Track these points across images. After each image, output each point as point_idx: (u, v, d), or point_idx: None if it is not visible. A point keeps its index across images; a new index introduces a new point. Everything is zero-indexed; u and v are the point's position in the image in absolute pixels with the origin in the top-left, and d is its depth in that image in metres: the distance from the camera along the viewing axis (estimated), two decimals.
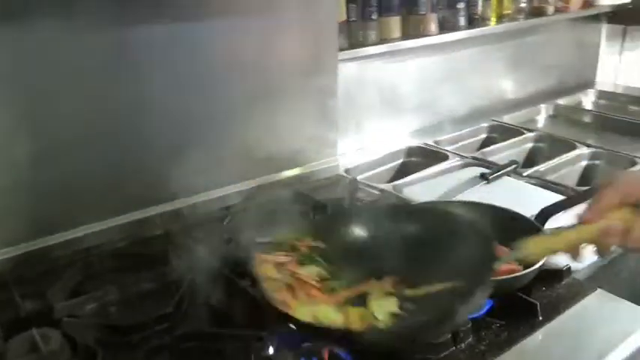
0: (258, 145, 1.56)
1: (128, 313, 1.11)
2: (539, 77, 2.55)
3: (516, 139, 2.10)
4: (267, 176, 1.61)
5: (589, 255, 0.97)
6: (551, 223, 1.30)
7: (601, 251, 0.91)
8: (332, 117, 1.70)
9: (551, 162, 1.89)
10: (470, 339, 1.04)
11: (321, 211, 1.46)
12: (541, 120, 2.46)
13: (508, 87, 2.44)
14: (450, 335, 1.01)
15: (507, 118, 2.32)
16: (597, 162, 1.97)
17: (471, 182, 1.69)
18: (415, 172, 1.85)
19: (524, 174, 1.80)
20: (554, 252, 0.96)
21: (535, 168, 1.83)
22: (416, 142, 2.05)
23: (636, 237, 0.88)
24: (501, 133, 2.21)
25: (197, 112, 1.42)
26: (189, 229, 1.39)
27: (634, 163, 1.86)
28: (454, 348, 1.02)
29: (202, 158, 1.45)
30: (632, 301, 1.20)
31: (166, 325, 1.05)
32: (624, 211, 0.89)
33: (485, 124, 2.25)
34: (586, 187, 1.65)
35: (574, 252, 0.93)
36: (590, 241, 0.90)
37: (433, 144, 2.05)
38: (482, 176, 1.71)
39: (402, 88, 2.06)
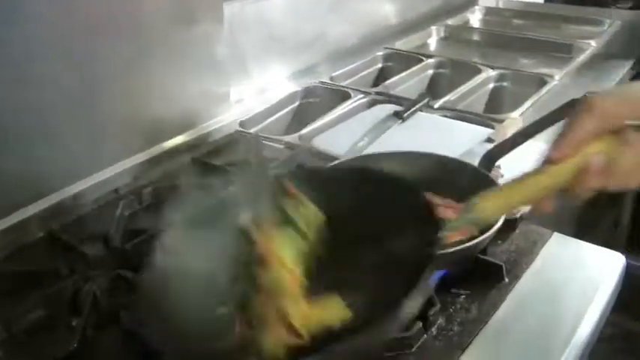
0: (144, 112, 1.31)
1: (19, 356, 0.87)
2: None
3: (416, 67, 1.96)
4: (158, 146, 1.37)
5: None
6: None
7: (576, 196, 0.70)
8: (221, 67, 1.47)
9: (459, 89, 1.77)
10: (440, 320, 0.90)
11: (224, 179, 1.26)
12: (433, 43, 2.33)
13: (396, 11, 2.28)
14: (420, 324, 0.86)
15: (400, 44, 2.17)
16: (504, 84, 1.88)
17: (386, 123, 1.53)
18: (316, 115, 1.67)
19: (436, 106, 1.67)
20: (517, 206, 0.76)
21: (445, 98, 1.70)
22: (310, 82, 1.86)
23: (622, 171, 0.69)
24: (398, 61, 2.06)
25: (66, 84, 1.15)
26: (76, 225, 1.15)
27: (543, 82, 1.78)
28: (426, 336, 0.87)
29: (79, 136, 1.21)
30: (584, 240, 1.11)
31: None
32: (603, 141, 0.69)
33: (379, 53, 2.09)
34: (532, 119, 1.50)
35: (542, 202, 0.72)
36: (564, 185, 0.70)
37: (330, 81, 1.87)
38: (397, 115, 1.55)
39: (287, 25, 1.84)
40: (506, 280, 0.99)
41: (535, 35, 2.22)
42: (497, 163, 1.24)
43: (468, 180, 1.10)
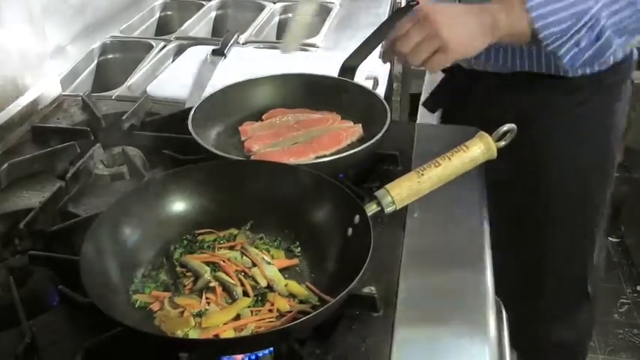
0: None
1: None
2: None
3: (201, 11, 1.98)
4: None
5: None
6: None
7: None
8: (37, 23, 1.34)
9: (254, 24, 1.84)
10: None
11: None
12: None
13: None
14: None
15: None
16: (290, 15, 1.99)
17: (209, 61, 1.55)
18: (122, 69, 1.65)
19: (242, 41, 1.73)
20: (421, 193, 0.88)
21: (247, 33, 1.77)
22: (103, 38, 1.78)
23: None
24: (177, 8, 2.07)
25: None
26: None
27: (329, 9, 1.93)
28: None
29: None
30: None
31: None
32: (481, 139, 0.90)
33: (157, 3, 2.05)
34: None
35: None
36: (455, 174, 0.89)
37: (122, 35, 1.82)
38: (216, 52, 1.58)
39: None
40: (400, 167, 1.13)
41: None
42: None
43: (344, 93, 1.21)
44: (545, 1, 1.00)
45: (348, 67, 1.26)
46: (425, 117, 1.48)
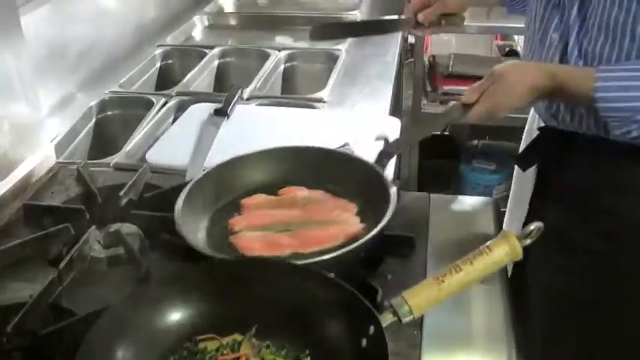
0: None
1: None
2: None
3: (203, 60, 1.91)
4: None
5: None
6: None
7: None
8: (29, 88, 1.28)
9: (259, 74, 1.77)
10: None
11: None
12: (199, 33, 2.28)
13: (156, 5, 2.18)
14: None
15: (171, 40, 2.09)
16: (295, 63, 1.93)
17: (211, 123, 1.48)
18: (122, 129, 1.59)
19: (246, 96, 1.66)
20: (441, 300, 0.81)
21: (252, 86, 1.70)
22: (101, 94, 1.72)
23: None
24: (178, 57, 2.00)
25: None
26: None
27: (335, 57, 1.86)
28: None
29: None
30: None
31: None
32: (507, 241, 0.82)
33: (157, 52, 1.99)
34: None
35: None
36: (478, 279, 0.82)
37: (121, 89, 1.75)
38: (219, 112, 1.51)
39: (58, 37, 1.66)
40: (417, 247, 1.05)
41: (300, 13, 2.29)
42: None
43: (354, 170, 1.13)
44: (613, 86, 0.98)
45: (386, 154, 1.17)
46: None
